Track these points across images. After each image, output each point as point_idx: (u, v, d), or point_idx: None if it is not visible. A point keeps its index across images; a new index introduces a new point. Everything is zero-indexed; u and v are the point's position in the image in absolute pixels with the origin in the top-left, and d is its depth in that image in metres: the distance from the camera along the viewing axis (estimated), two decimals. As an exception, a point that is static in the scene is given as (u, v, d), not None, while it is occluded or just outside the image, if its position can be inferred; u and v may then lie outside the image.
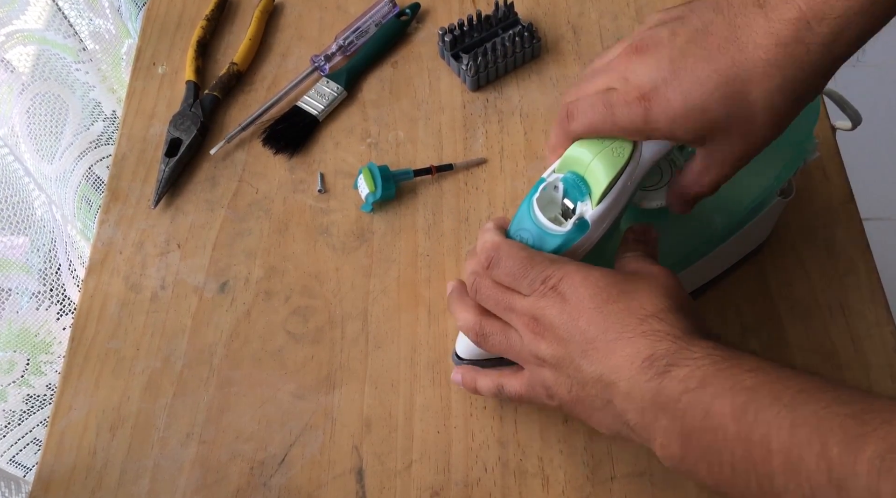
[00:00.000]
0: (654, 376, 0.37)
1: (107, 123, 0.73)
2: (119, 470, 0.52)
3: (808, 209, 0.59)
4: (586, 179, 0.43)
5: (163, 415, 0.54)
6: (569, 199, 0.44)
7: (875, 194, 0.65)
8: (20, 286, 0.58)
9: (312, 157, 0.65)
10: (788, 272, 0.57)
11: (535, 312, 0.42)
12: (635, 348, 0.38)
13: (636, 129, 0.41)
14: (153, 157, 0.66)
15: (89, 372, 0.56)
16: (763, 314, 0.55)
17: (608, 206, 0.43)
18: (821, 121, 0.63)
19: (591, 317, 0.40)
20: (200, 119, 0.66)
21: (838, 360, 0.53)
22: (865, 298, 0.55)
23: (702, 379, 0.36)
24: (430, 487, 0.50)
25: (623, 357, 0.38)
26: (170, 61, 0.72)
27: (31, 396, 0.61)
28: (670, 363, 0.37)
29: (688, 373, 0.37)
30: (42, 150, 0.65)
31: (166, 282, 0.60)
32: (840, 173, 0.61)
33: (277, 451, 0.52)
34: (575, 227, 0.43)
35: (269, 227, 0.62)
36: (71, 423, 0.54)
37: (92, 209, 0.70)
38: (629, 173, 0.43)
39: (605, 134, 0.43)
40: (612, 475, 0.50)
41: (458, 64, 0.67)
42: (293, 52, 0.72)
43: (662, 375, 0.37)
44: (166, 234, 0.62)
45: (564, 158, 0.44)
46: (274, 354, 0.56)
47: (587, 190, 0.43)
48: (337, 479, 0.51)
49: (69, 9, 0.68)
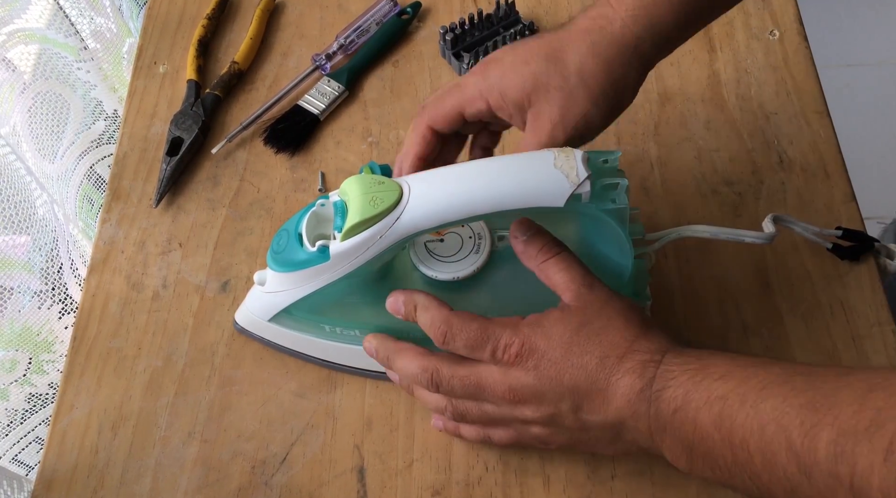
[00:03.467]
0: (651, 404, 0.40)
1: (108, 122, 0.73)
2: (121, 469, 0.52)
3: (810, 208, 0.59)
4: (346, 213, 0.44)
5: (164, 414, 0.54)
6: (334, 225, 0.45)
7: (875, 194, 0.65)
8: (22, 285, 0.58)
9: (314, 156, 0.65)
10: (790, 271, 0.57)
11: (510, 385, 0.43)
12: (628, 386, 0.40)
13: (478, 91, 0.46)
14: (154, 156, 0.66)
15: (91, 371, 0.56)
16: (764, 313, 0.55)
17: (350, 248, 0.44)
18: (821, 120, 0.63)
19: (572, 374, 0.41)
20: (202, 118, 0.66)
21: (839, 359, 0.53)
22: (866, 298, 0.55)
23: (684, 396, 0.38)
24: (431, 486, 0.50)
25: (621, 398, 0.40)
26: (171, 60, 0.72)
27: (33, 394, 0.61)
28: (659, 389, 0.39)
29: (673, 394, 0.39)
30: (44, 149, 0.65)
31: (168, 281, 0.60)
32: (840, 173, 0.61)
33: (279, 449, 0.52)
34: (318, 251, 0.45)
35: (271, 226, 0.62)
36: (73, 422, 0.54)
37: (94, 208, 0.70)
38: (383, 226, 0.43)
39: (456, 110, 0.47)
40: (613, 474, 0.50)
41: (459, 63, 0.67)
42: (294, 51, 0.72)
43: (657, 401, 0.39)
44: (168, 233, 0.62)
45: (342, 184, 0.45)
46: (275, 353, 0.56)
47: (342, 223, 0.44)
48: (338, 477, 0.51)
49: (70, 8, 0.68)
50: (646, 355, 0.41)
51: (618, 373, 0.40)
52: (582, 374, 0.41)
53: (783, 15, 0.69)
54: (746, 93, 0.65)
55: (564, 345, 0.42)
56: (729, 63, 0.67)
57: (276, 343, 0.54)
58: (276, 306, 0.51)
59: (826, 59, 1.59)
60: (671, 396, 0.39)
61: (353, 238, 0.44)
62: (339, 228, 0.44)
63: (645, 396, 0.40)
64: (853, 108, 1.60)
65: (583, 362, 0.41)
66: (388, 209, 0.43)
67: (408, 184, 0.44)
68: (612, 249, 0.49)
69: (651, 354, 0.41)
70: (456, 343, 0.43)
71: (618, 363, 0.41)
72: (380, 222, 0.43)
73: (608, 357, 0.41)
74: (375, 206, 0.43)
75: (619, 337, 0.41)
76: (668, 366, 0.40)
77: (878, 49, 1.74)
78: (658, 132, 0.64)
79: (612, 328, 0.42)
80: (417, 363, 0.45)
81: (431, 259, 0.50)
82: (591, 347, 0.41)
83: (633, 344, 0.41)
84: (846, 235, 0.56)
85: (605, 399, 0.41)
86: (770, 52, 0.67)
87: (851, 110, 1.61)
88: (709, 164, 0.62)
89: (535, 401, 0.42)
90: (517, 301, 0.50)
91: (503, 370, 0.43)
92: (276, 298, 0.50)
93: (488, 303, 0.50)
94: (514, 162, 0.44)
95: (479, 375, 0.43)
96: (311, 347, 0.53)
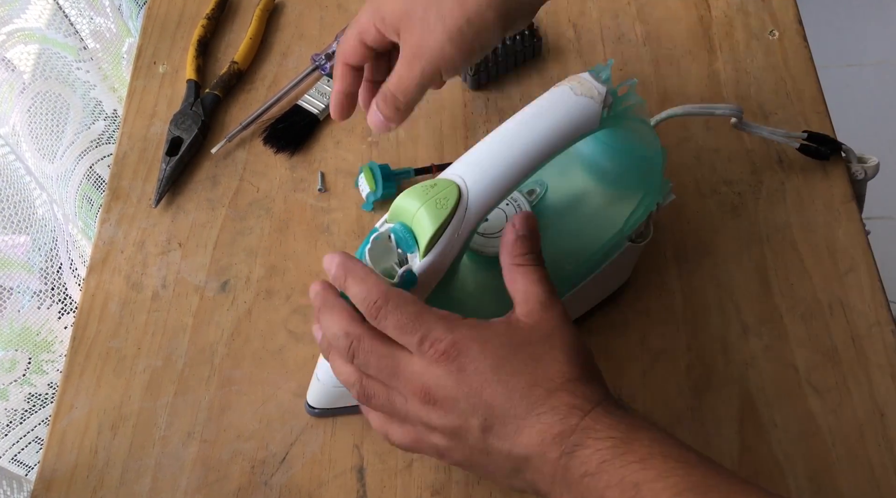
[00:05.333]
0: (563, 454, 0.37)
1: (108, 122, 0.73)
2: (121, 469, 0.52)
3: (809, 208, 0.59)
4: (413, 230, 0.43)
5: (164, 414, 0.54)
6: (402, 249, 0.44)
7: (875, 193, 0.65)
8: (21, 285, 0.58)
9: (313, 156, 0.65)
10: (789, 271, 0.57)
11: (426, 381, 0.39)
12: (546, 425, 0.38)
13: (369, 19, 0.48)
14: (154, 156, 0.66)
15: (91, 371, 0.56)
16: (764, 313, 0.55)
17: (435, 259, 0.42)
18: (820, 120, 0.63)
19: (494, 390, 0.38)
20: (201, 118, 0.66)
21: (838, 358, 0.53)
22: (866, 298, 0.55)
23: (599, 465, 0.36)
24: (431, 486, 0.50)
25: (534, 434, 0.38)
26: (170, 60, 0.72)
27: (32, 394, 0.61)
28: (576, 443, 0.37)
29: (589, 455, 0.37)
30: (43, 149, 0.65)
31: (167, 281, 0.60)
32: (841, 172, 0.61)
33: (278, 449, 0.52)
34: (402, 279, 0.42)
35: (270, 226, 0.62)
36: (72, 422, 0.54)
37: (93, 208, 0.70)
38: (456, 224, 0.42)
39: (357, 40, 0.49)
40: (613, 474, 0.50)
41: (458, 63, 0.67)
42: (294, 50, 0.72)
43: (570, 454, 0.37)
44: (167, 233, 0.62)
45: (393, 208, 0.44)
46: (275, 352, 0.56)
47: (414, 241, 0.43)
48: (338, 477, 0.51)
49: (70, 7, 0.68)
50: (576, 400, 0.38)
51: (541, 407, 0.38)
52: (504, 393, 0.38)
53: (783, 15, 0.69)
54: (746, 93, 0.65)
55: (498, 358, 0.39)
56: (728, 63, 0.67)
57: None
58: None
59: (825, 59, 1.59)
60: (585, 458, 0.36)
61: (435, 248, 0.42)
62: (411, 248, 0.43)
63: (559, 442, 0.37)
64: (853, 108, 1.60)
65: (509, 384, 0.38)
66: (457, 203, 0.42)
67: (456, 174, 0.43)
68: (639, 147, 0.50)
69: (582, 400, 0.38)
70: (387, 321, 0.40)
71: (545, 397, 0.38)
72: (454, 219, 0.42)
73: (537, 387, 0.38)
74: (443, 206, 0.42)
75: (556, 371, 0.39)
76: (594, 422, 0.37)
77: (878, 49, 1.74)
78: (657, 132, 0.63)
79: (552, 359, 0.39)
80: (342, 326, 0.41)
81: (482, 238, 0.49)
82: (523, 370, 0.38)
83: (567, 383, 0.38)
84: (811, 138, 0.60)
85: (517, 429, 0.38)
86: (770, 51, 0.67)
87: (851, 110, 1.61)
88: (708, 163, 0.62)
89: (447, 407, 0.39)
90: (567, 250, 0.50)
91: (425, 364, 0.39)
92: None
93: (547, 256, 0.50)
94: (540, 108, 0.44)
95: (399, 360, 0.40)
96: None
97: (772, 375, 0.53)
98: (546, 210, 0.51)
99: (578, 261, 0.50)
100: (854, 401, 0.52)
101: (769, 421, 0.51)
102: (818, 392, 0.52)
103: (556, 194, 0.52)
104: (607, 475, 0.36)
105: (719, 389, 0.53)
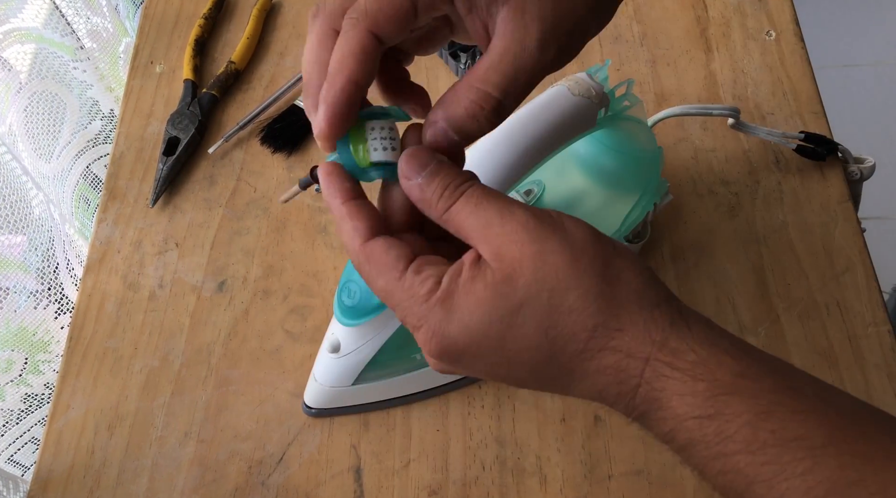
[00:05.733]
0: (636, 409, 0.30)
1: (104, 122, 0.73)
2: (117, 469, 0.52)
3: (806, 208, 0.59)
4: None
5: (161, 414, 0.54)
6: None
7: (871, 194, 0.65)
8: (18, 285, 0.58)
9: (310, 156, 0.65)
10: (786, 271, 0.57)
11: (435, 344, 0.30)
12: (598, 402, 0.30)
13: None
14: (151, 155, 0.66)
15: (87, 371, 0.56)
16: (761, 313, 0.55)
17: None
18: (817, 120, 0.63)
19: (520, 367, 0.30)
20: (198, 118, 0.66)
21: (835, 358, 0.53)
22: (863, 297, 0.55)
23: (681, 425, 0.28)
24: (428, 486, 0.50)
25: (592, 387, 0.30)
26: (167, 60, 0.72)
27: (29, 394, 0.61)
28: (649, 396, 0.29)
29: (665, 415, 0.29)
30: (40, 149, 0.65)
31: (164, 281, 0.60)
32: (837, 173, 0.61)
33: (275, 450, 0.52)
34: None
35: (268, 226, 0.62)
36: (69, 422, 0.54)
37: (90, 208, 0.70)
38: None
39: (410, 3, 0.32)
40: (610, 474, 0.50)
41: (455, 63, 0.67)
42: (291, 50, 0.71)
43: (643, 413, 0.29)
44: (164, 233, 0.62)
45: None
46: (272, 352, 0.56)
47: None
48: (335, 477, 0.51)
49: (67, 7, 0.68)
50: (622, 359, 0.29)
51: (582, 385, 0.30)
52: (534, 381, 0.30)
53: (780, 15, 0.69)
54: (743, 93, 0.65)
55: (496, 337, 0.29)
56: (725, 63, 0.67)
57: (365, 403, 0.52)
58: (359, 364, 0.48)
59: (822, 59, 1.59)
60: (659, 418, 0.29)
61: None
62: None
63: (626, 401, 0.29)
64: (849, 108, 1.61)
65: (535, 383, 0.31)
66: None
67: None
68: (636, 147, 0.50)
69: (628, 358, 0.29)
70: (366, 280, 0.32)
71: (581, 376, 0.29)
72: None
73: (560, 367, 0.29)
74: None
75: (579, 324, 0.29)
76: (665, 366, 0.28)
77: (875, 50, 1.75)
78: (654, 132, 0.64)
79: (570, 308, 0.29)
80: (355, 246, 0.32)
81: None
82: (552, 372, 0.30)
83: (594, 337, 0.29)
84: (808, 138, 0.60)
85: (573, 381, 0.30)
86: (766, 52, 0.67)
87: (847, 111, 1.61)
88: (705, 164, 0.62)
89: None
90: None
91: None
92: (359, 355, 0.48)
93: None
94: (537, 107, 0.44)
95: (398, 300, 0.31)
96: (400, 387, 0.51)
97: (768, 375, 0.53)
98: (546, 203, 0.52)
99: None
100: (850, 401, 0.52)
101: (766, 421, 0.51)
102: (815, 392, 0.52)
103: (554, 194, 0.52)
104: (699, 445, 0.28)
105: (716, 389, 0.53)
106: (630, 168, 0.50)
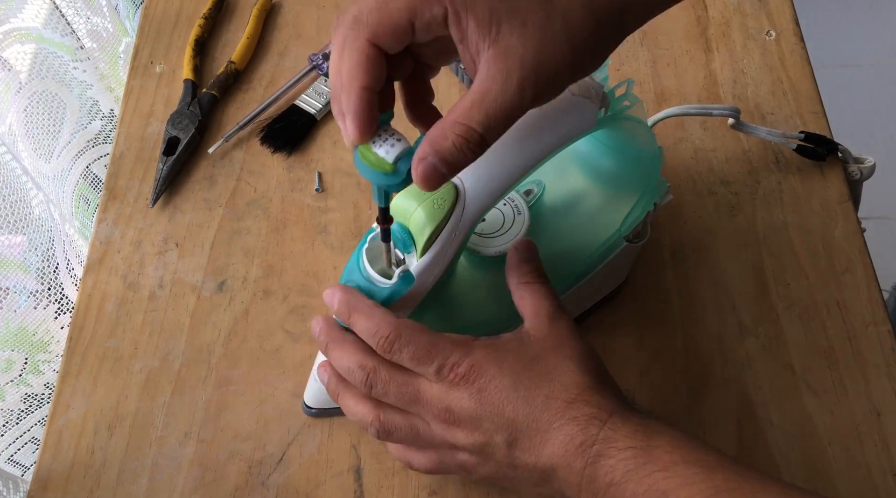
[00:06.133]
0: (588, 464, 0.38)
1: (104, 122, 0.73)
2: (117, 469, 0.52)
3: (806, 208, 0.59)
4: (410, 230, 0.43)
5: (161, 414, 0.54)
6: (398, 250, 0.44)
7: (871, 193, 0.65)
8: (18, 285, 0.58)
9: (310, 156, 0.65)
10: (786, 271, 0.57)
11: (448, 404, 0.40)
12: (567, 435, 0.39)
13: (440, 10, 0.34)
14: (151, 155, 0.66)
15: (87, 371, 0.56)
16: (761, 313, 0.55)
17: (432, 259, 0.43)
18: (817, 120, 0.63)
19: (515, 406, 0.40)
20: (198, 118, 0.66)
21: (835, 358, 0.53)
22: (862, 297, 0.55)
23: (624, 474, 0.37)
24: (428, 486, 0.50)
25: (557, 445, 0.39)
26: (167, 60, 0.72)
27: (29, 395, 0.61)
28: (598, 453, 0.38)
29: (612, 465, 0.38)
30: (40, 149, 0.65)
31: (164, 281, 0.60)
32: (837, 173, 0.61)
33: (275, 450, 0.52)
34: (400, 280, 0.43)
35: (268, 226, 0.62)
36: (69, 422, 0.54)
37: (90, 208, 0.70)
38: (454, 224, 0.42)
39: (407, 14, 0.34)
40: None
41: (456, 64, 0.67)
42: (291, 50, 0.71)
43: (593, 464, 0.38)
44: (164, 233, 0.62)
45: (393, 207, 0.43)
46: (272, 352, 0.56)
47: (412, 241, 0.43)
48: (335, 477, 0.51)
49: (67, 7, 0.68)
50: (594, 410, 0.39)
51: (561, 418, 0.39)
52: (525, 409, 0.39)
53: (780, 16, 0.69)
54: (743, 93, 0.65)
55: (515, 375, 0.40)
56: (725, 63, 0.67)
57: None
58: None
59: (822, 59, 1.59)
60: (609, 468, 0.38)
61: (432, 248, 0.42)
62: (408, 249, 0.43)
63: (582, 452, 0.38)
64: (849, 108, 1.61)
65: (529, 396, 0.40)
66: (454, 203, 0.42)
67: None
68: (637, 147, 0.50)
69: (598, 409, 0.39)
70: (402, 354, 0.41)
71: (564, 408, 0.39)
72: (451, 219, 0.42)
73: (555, 399, 0.39)
74: (441, 206, 0.42)
75: (570, 381, 0.40)
76: (613, 431, 0.38)
77: (875, 50, 1.75)
78: (654, 132, 0.64)
79: (566, 369, 0.40)
80: (357, 359, 0.42)
81: (479, 238, 0.49)
82: (540, 383, 0.40)
83: (582, 393, 0.40)
84: (808, 138, 0.60)
85: (542, 442, 0.39)
86: (766, 52, 0.67)
87: (847, 111, 1.61)
88: (705, 163, 0.62)
89: (471, 426, 0.40)
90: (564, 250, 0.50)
91: (444, 389, 0.40)
92: None
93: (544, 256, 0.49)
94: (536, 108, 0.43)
95: (419, 386, 0.41)
96: None
97: (769, 375, 0.53)
98: (543, 210, 0.51)
99: (576, 261, 0.50)
100: (850, 401, 0.52)
101: (766, 421, 0.51)
102: (815, 392, 0.52)
103: (554, 194, 0.52)
104: (633, 484, 0.37)
105: (716, 390, 0.53)
106: (630, 168, 0.50)
